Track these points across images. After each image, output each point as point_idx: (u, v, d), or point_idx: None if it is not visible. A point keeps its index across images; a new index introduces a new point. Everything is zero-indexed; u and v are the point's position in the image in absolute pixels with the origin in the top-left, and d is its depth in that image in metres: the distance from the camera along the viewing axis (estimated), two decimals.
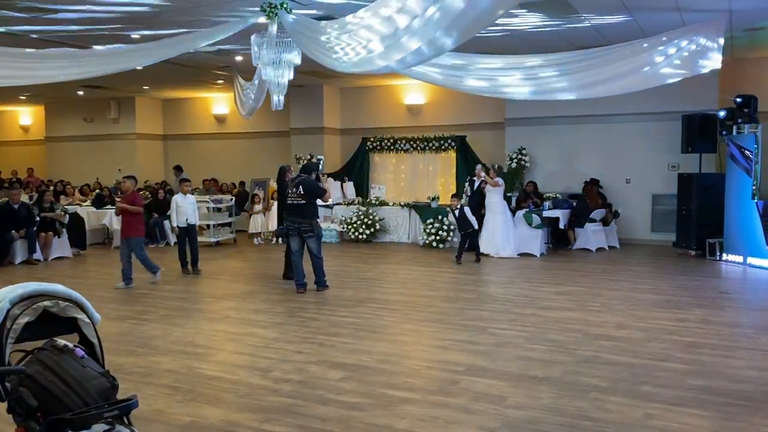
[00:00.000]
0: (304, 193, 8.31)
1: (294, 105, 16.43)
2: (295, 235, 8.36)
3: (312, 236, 8.34)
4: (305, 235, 8.31)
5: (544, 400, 4.48)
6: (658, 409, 4.28)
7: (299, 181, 8.44)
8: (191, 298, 8.16)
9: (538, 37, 10.31)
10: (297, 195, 8.33)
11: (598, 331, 6.30)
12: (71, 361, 2.90)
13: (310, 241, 8.34)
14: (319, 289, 8.41)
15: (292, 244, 8.46)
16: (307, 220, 8.32)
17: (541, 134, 13.75)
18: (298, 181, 8.44)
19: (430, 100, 15.87)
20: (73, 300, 3.15)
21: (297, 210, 8.34)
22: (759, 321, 6.95)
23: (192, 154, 19.09)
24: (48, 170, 19.76)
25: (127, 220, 8.91)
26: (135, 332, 6.47)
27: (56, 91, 16.60)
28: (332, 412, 4.27)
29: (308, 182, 8.45)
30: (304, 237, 8.33)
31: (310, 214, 8.38)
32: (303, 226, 8.30)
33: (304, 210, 8.33)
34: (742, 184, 10.24)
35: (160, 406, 4.42)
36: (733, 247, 10.49)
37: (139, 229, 9.02)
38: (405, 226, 13.60)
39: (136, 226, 8.92)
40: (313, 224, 8.37)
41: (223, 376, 5.08)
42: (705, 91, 11.71)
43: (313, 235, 8.35)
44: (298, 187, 8.37)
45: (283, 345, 5.93)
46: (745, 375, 5.00)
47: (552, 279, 9.26)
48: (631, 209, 12.94)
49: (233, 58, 12.27)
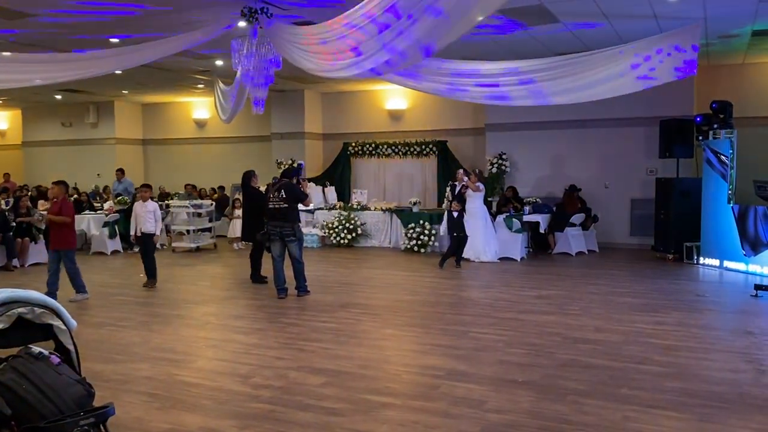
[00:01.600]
0: (286, 197, 8.29)
1: (275, 110, 16.40)
2: (277, 239, 8.32)
3: (294, 240, 8.32)
4: (287, 239, 8.28)
5: (523, 404, 4.51)
6: (636, 412, 4.33)
7: (281, 185, 8.42)
8: (170, 305, 8.09)
9: (517, 42, 10.40)
10: (279, 199, 8.30)
11: (577, 335, 6.36)
12: (46, 368, 2.88)
13: (291, 245, 8.31)
14: (300, 294, 8.39)
15: (274, 250, 8.41)
16: (289, 224, 8.30)
17: (521, 140, 13.86)
18: (279, 186, 8.42)
19: (411, 106, 15.93)
20: (49, 306, 3.12)
21: (279, 214, 8.31)
22: (735, 324, 7.06)
23: (172, 158, 18.98)
24: (25, 175, 19.50)
25: (55, 231, 8.15)
26: (113, 339, 6.40)
27: (33, 95, 16.43)
28: (312, 418, 4.26)
29: (290, 187, 8.43)
30: (286, 241, 8.30)
31: (292, 219, 8.36)
32: (285, 230, 8.27)
33: (287, 214, 8.30)
34: (719, 189, 10.41)
35: (139, 414, 4.37)
36: (710, 251, 10.64)
37: (70, 241, 8.27)
38: (386, 230, 13.61)
39: (66, 237, 8.16)
40: (295, 228, 8.35)
41: (203, 382, 5.05)
42: (682, 96, 11.90)
43: (295, 239, 8.33)
44: (280, 191, 8.34)
45: (263, 351, 5.91)
46: (722, 377, 5.07)
47: (532, 283, 9.33)
48: (610, 214, 13.08)
49: (213, 63, 12.23)
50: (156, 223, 9.31)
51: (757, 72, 12.43)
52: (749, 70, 12.43)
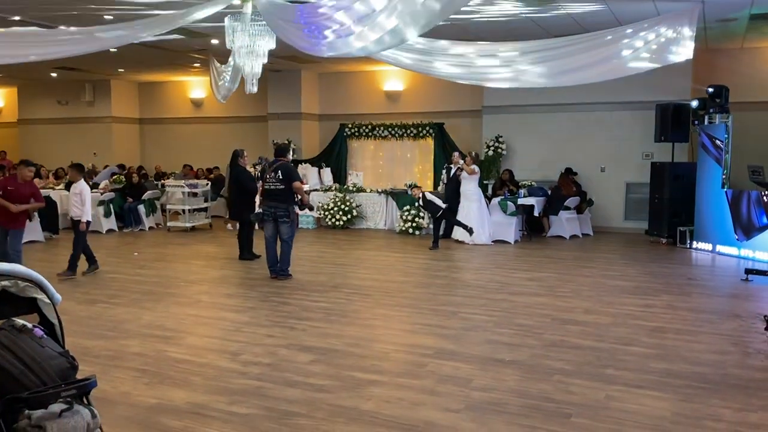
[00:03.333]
0: (283, 178, 8.24)
1: (272, 90, 16.32)
2: (270, 220, 8.29)
3: (287, 222, 8.29)
4: (280, 220, 8.25)
5: (509, 382, 4.55)
6: (620, 391, 4.37)
7: (278, 166, 8.34)
8: (163, 283, 8.12)
9: (514, 24, 10.34)
10: (276, 180, 8.23)
11: (567, 316, 6.40)
12: (29, 341, 2.88)
13: (284, 226, 8.28)
14: (280, 276, 8.29)
15: (266, 231, 8.38)
16: (284, 205, 8.26)
17: (518, 122, 13.82)
18: (276, 166, 8.34)
19: (408, 87, 15.86)
20: (33, 280, 3.12)
21: (276, 195, 8.26)
22: (723, 307, 7.10)
23: (168, 138, 18.92)
24: (21, 153, 19.39)
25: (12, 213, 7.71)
26: (104, 316, 6.42)
27: (28, 72, 16.31)
28: (299, 395, 4.29)
29: (288, 168, 8.39)
30: (279, 222, 8.26)
31: (288, 200, 8.32)
32: (279, 211, 8.23)
33: (283, 195, 8.25)
34: (713, 173, 10.41)
35: (127, 389, 4.41)
36: (703, 235, 10.67)
37: (22, 221, 7.94)
38: (382, 212, 13.62)
39: (19, 217, 7.81)
40: (289, 210, 8.32)
41: (192, 359, 5.08)
42: (678, 81, 11.84)
43: (288, 220, 8.30)
44: (277, 171, 8.26)
45: (254, 329, 5.94)
46: (706, 359, 5.11)
47: (524, 265, 9.36)
48: (605, 197, 13.08)
49: (209, 42, 12.14)
50: (83, 207, 8.37)
51: (754, 56, 12.37)
52: (747, 55, 12.37)
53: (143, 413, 4.00)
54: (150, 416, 3.95)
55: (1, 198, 7.64)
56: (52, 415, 2.66)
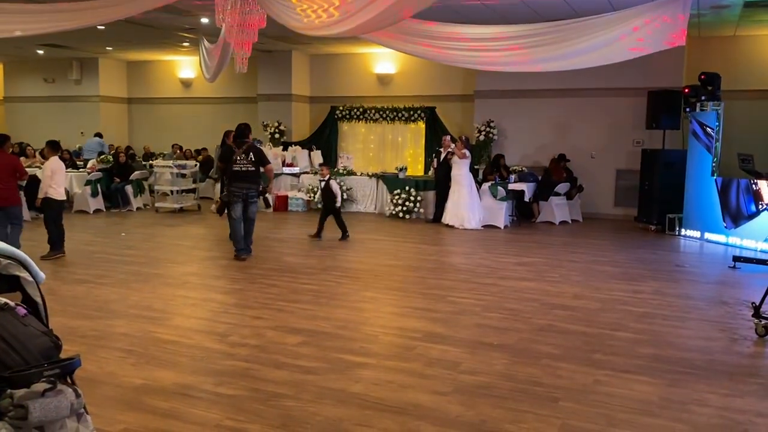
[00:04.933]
0: (255, 160, 8.29)
1: (262, 71, 16.16)
2: (240, 201, 8.30)
3: (256, 202, 8.42)
4: (251, 200, 8.34)
5: (497, 366, 4.55)
6: (608, 376, 4.38)
7: (248, 147, 8.36)
8: (151, 263, 8.05)
9: (508, 8, 10.25)
10: (248, 162, 8.26)
11: (555, 301, 6.41)
12: (12, 319, 2.82)
13: (253, 206, 8.39)
14: (243, 256, 8.29)
15: (235, 212, 8.34)
16: (255, 186, 8.38)
17: (509, 107, 13.77)
18: (246, 148, 8.35)
19: (400, 70, 15.75)
20: (16, 258, 3.05)
21: (247, 177, 8.29)
22: (710, 293, 7.14)
23: (157, 118, 18.73)
24: (6, 131, 19.12)
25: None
26: (91, 296, 6.36)
27: (14, 48, 16.06)
28: (286, 376, 4.27)
29: (258, 150, 8.49)
30: (249, 203, 8.34)
31: (258, 181, 8.43)
32: (251, 192, 8.32)
33: (254, 177, 8.34)
34: (703, 161, 10.43)
35: (113, 369, 4.37)
36: (692, 223, 10.72)
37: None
38: (372, 196, 13.57)
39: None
40: (258, 190, 8.42)
41: (180, 340, 5.05)
42: (670, 67, 11.84)
43: (257, 201, 8.44)
44: (248, 153, 8.29)
45: (241, 310, 5.91)
46: (693, 344, 5.14)
47: (514, 250, 9.36)
48: (595, 184, 13.10)
49: (198, 20, 11.97)
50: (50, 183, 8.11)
51: (747, 44, 12.36)
52: (740, 43, 12.36)
53: (129, 394, 3.97)
54: (136, 397, 3.92)
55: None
56: (34, 394, 2.61)
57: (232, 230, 8.43)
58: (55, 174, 8.20)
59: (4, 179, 7.57)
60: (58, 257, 8.16)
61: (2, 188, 7.58)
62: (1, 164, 7.60)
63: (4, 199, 7.58)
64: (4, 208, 7.62)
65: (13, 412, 2.57)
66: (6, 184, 7.59)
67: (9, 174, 7.62)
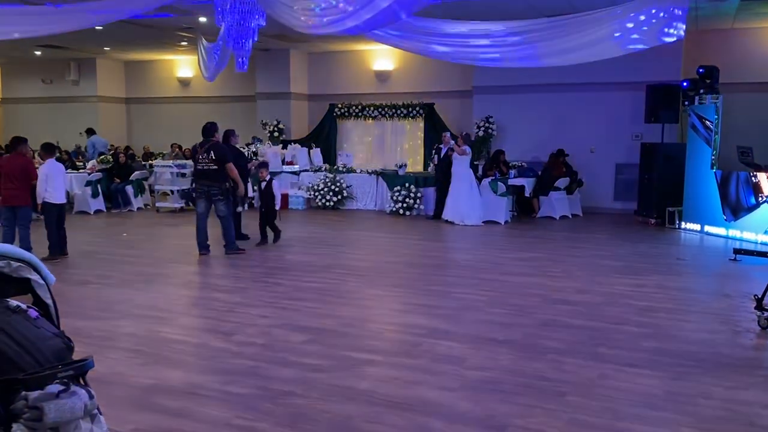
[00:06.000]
0: (216, 158, 8.30)
1: (260, 69, 16.15)
2: (203, 197, 8.39)
3: (221, 200, 8.38)
4: (214, 198, 8.37)
5: (503, 361, 4.58)
6: (613, 370, 4.41)
7: (210, 146, 8.39)
8: (154, 263, 8.07)
9: (506, 4, 10.26)
10: (209, 160, 8.31)
11: (558, 296, 6.43)
12: (24, 321, 2.84)
13: (219, 204, 8.39)
14: (229, 252, 8.44)
15: (199, 207, 8.48)
16: (217, 183, 8.37)
17: (508, 103, 13.80)
18: (208, 146, 8.39)
19: (398, 67, 15.76)
20: (26, 260, 3.07)
21: (208, 175, 8.36)
22: (712, 287, 7.18)
23: (155, 118, 18.73)
24: (5, 133, 19.14)
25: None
26: (96, 296, 6.38)
27: (11, 50, 16.03)
28: (294, 374, 4.30)
29: (219, 148, 8.44)
30: (213, 200, 8.38)
31: (221, 179, 8.39)
32: (213, 190, 8.36)
33: (215, 175, 8.34)
34: (702, 154, 10.46)
35: (121, 369, 4.39)
36: (692, 216, 10.75)
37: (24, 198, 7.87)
38: (372, 193, 13.59)
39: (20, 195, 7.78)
40: (222, 188, 8.38)
41: (186, 339, 5.07)
42: (669, 61, 11.86)
43: (223, 198, 8.39)
44: (209, 152, 8.33)
45: (246, 309, 5.93)
46: (697, 337, 5.17)
47: (515, 246, 9.40)
48: (594, 178, 13.13)
49: (197, 19, 11.97)
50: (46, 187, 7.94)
51: (745, 37, 12.39)
52: (737, 36, 12.39)
53: (139, 394, 3.99)
54: (146, 396, 3.94)
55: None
56: (49, 395, 2.63)
57: (197, 226, 8.54)
58: (50, 178, 8.05)
59: (17, 180, 7.69)
60: (56, 261, 8.00)
61: (13, 188, 7.69)
62: (13, 165, 7.73)
63: (15, 199, 7.69)
64: (14, 208, 7.72)
65: (28, 413, 2.59)
66: (17, 185, 7.70)
67: (21, 175, 7.70)
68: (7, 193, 7.83)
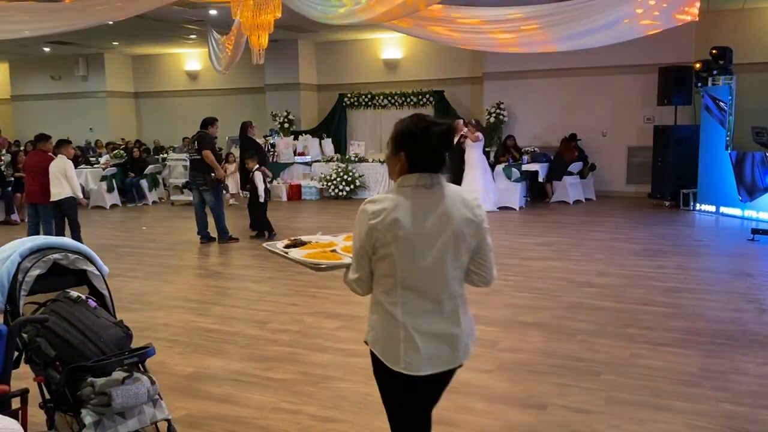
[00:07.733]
0: (198, 148, 8.62)
1: (269, 61, 16.04)
2: (195, 188, 8.82)
3: (207, 190, 8.67)
4: (201, 188, 8.68)
5: (535, 343, 4.65)
6: (644, 349, 4.48)
7: (196, 136, 8.79)
8: (177, 256, 8.16)
9: None
10: (194, 150, 8.70)
11: (581, 279, 6.50)
12: (85, 311, 2.94)
13: (206, 194, 8.70)
14: (221, 242, 8.77)
15: (193, 197, 8.99)
16: (201, 174, 8.66)
17: (518, 88, 13.79)
18: (195, 137, 8.82)
19: (407, 55, 15.75)
20: (82, 252, 3.17)
21: (193, 165, 8.80)
22: (733, 266, 7.23)
23: (165, 111, 18.77)
24: (16, 130, 19.25)
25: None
26: (125, 289, 6.47)
27: (20, 47, 16.08)
28: (332, 359, 4.38)
29: (202, 137, 8.70)
30: (200, 190, 8.70)
31: (205, 169, 8.62)
32: (198, 180, 8.69)
33: (200, 165, 8.62)
34: (716, 136, 10.47)
35: (162, 359, 4.47)
36: (707, 197, 10.77)
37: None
38: (384, 182, 13.61)
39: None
40: (206, 178, 8.63)
41: (221, 328, 5.16)
42: (680, 43, 11.83)
43: (208, 189, 8.66)
44: (194, 142, 8.77)
45: (276, 298, 6.01)
46: (724, 316, 5.23)
47: (532, 231, 9.45)
48: (607, 162, 13.14)
49: (207, 12, 11.99)
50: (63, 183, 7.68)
51: (757, 17, 12.34)
52: (749, 15, 12.34)
53: (183, 382, 4.08)
54: (190, 384, 4.03)
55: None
56: (115, 382, 2.73)
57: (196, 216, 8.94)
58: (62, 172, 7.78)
59: (38, 177, 7.70)
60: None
61: (35, 185, 7.74)
62: (35, 162, 7.77)
63: (36, 195, 7.74)
64: (36, 204, 7.77)
65: (95, 399, 2.69)
66: (39, 182, 7.71)
67: (42, 172, 7.71)
68: (28, 190, 7.93)
